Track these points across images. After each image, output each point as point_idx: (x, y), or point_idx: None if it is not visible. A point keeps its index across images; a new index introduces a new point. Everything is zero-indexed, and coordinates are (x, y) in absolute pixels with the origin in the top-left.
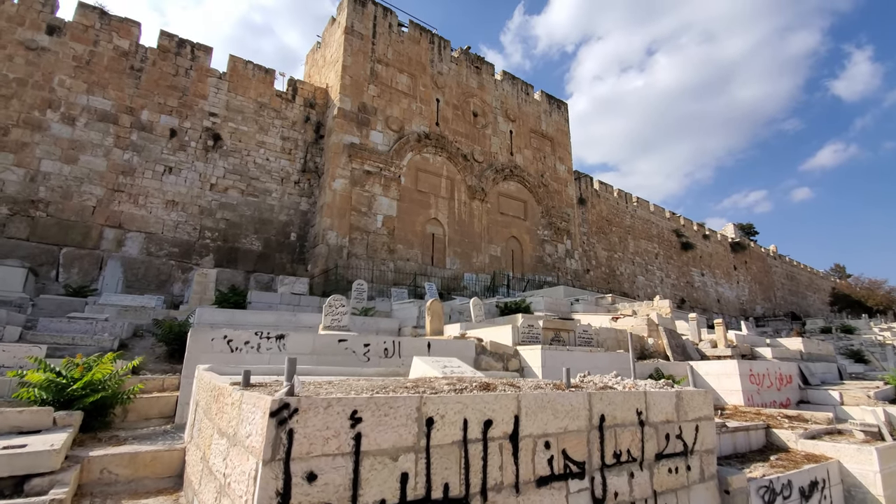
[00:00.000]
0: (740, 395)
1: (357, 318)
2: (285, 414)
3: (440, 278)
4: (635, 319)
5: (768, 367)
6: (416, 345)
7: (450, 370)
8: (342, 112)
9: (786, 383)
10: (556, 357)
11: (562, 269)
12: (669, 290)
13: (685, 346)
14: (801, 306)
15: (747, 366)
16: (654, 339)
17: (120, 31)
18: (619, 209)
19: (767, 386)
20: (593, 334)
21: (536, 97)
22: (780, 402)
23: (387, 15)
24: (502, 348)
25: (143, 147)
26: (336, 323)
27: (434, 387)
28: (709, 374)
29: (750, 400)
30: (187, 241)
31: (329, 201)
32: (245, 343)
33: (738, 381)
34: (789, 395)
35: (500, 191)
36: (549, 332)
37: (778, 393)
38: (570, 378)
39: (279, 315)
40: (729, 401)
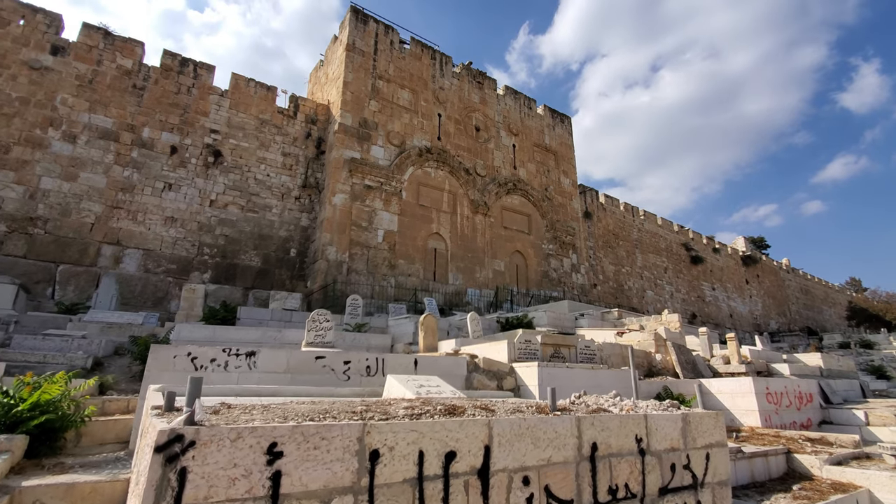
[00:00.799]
0: (757, 415)
1: (348, 334)
2: (177, 448)
3: (442, 294)
4: (642, 334)
5: (786, 384)
6: (401, 362)
7: (426, 390)
8: (343, 127)
9: (806, 402)
10: (554, 375)
11: (568, 284)
12: (680, 305)
13: (695, 362)
14: (818, 321)
15: (763, 383)
16: (663, 355)
17: (123, 51)
18: (625, 223)
19: (786, 405)
20: (596, 350)
21: (539, 111)
22: (800, 423)
23: (388, 32)
24: (496, 365)
25: (144, 164)
26: (320, 339)
27: (388, 411)
28: (721, 393)
29: (768, 421)
30: (186, 258)
31: (329, 216)
32: (211, 361)
33: (754, 401)
34: (810, 416)
35: (503, 205)
36: (549, 348)
37: (798, 413)
38: (557, 399)
39: (264, 332)
40: (745, 422)
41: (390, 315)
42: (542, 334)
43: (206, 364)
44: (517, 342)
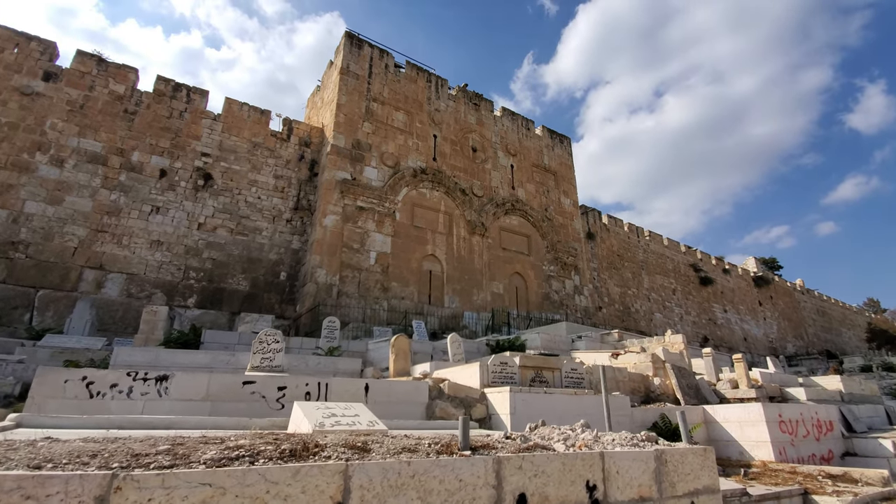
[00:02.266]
0: (769, 447)
1: (314, 357)
2: None
3: (438, 317)
4: (638, 356)
5: (802, 411)
6: (349, 388)
7: (334, 421)
8: (335, 149)
9: (826, 431)
10: (529, 401)
11: (570, 307)
12: (690, 328)
13: (699, 386)
14: (836, 343)
15: (776, 410)
16: (661, 378)
17: (116, 77)
18: (630, 243)
19: (803, 435)
20: (584, 374)
21: (538, 132)
22: (820, 456)
23: (383, 56)
24: (464, 391)
25: (132, 187)
26: (267, 363)
27: (190, 456)
28: (728, 422)
29: (782, 454)
30: (171, 282)
31: (319, 238)
32: (111, 386)
33: (766, 430)
34: (831, 446)
35: (501, 225)
36: (529, 372)
37: (817, 444)
38: (469, 432)
39: (215, 356)
40: (756, 455)
41: (374, 339)
42: (520, 356)
43: (105, 390)
44: (491, 365)
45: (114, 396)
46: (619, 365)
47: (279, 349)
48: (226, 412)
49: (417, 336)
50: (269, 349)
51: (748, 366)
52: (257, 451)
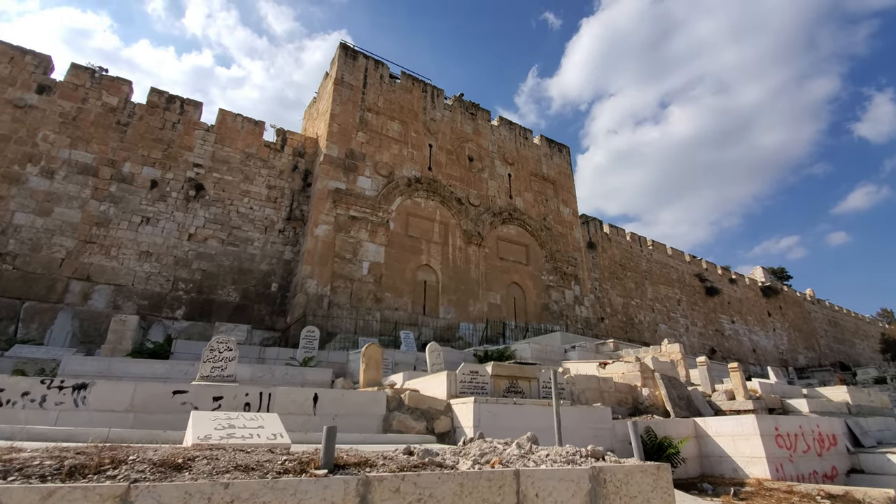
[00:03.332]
0: (764, 463)
1: (283, 368)
2: None
3: (433, 328)
4: (626, 366)
5: (802, 423)
6: (295, 398)
7: (228, 433)
8: (328, 158)
9: (829, 446)
10: (496, 413)
11: (570, 317)
12: (697, 339)
13: (690, 397)
14: (850, 355)
15: (771, 423)
16: (650, 389)
17: (110, 89)
18: (633, 253)
19: (803, 450)
20: (565, 384)
21: (536, 141)
22: (822, 473)
23: (378, 67)
24: (428, 402)
25: (122, 198)
26: (218, 372)
27: None
28: (720, 435)
29: (779, 471)
30: (159, 293)
31: (310, 248)
32: (23, 395)
33: (760, 445)
34: (835, 462)
35: (498, 235)
36: (502, 382)
37: (819, 460)
38: (334, 445)
39: (173, 366)
40: (750, 472)
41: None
42: (493, 364)
43: (15, 399)
44: (460, 374)
45: (24, 405)
46: (607, 375)
47: (232, 357)
48: (150, 424)
49: (405, 347)
50: (221, 358)
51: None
52: (22, 466)
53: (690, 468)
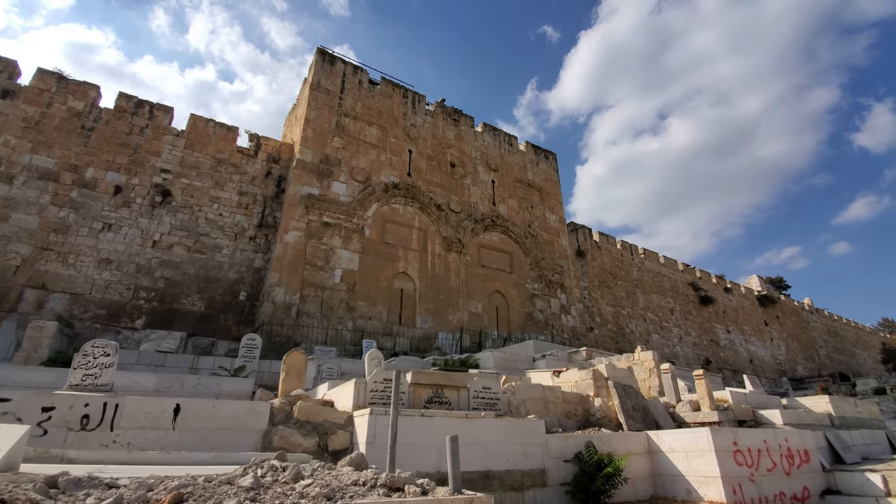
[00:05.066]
0: (719, 484)
1: (195, 378)
2: None
3: (409, 338)
4: (580, 373)
5: (768, 437)
6: (150, 410)
7: None
8: (301, 163)
9: (799, 463)
10: (401, 427)
11: (557, 327)
12: (691, 350)
13: (647, 408)
14: (850, 365)
15: (729, 437)
16: (604, 399)
17: (76, 94)
18: (623, 262)
19: (768, 468)
20: (500, 395)
21: (521, 148)
22: (791, 495)
23: (357, 72)
24: (323, 415)
25: (83, 204)
26: (91, 380)
27: None
28: (673, 451)
29: (737, 492)
30: (118, 302)
31: (279, 255)
32: None
33: (715, 462)
34: (807, 482)
35: (481, 242)
36: (424, 391)
37: (787, 479)
38: None
39: (62, 374)
40: (705, 494)
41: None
42: (413, 372)
43: None
44: (370, 382)
45: None
46: (560, 384)
47: (108, 363)
48: None
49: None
50: (96, 364)
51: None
52: None
53: (640, 489)
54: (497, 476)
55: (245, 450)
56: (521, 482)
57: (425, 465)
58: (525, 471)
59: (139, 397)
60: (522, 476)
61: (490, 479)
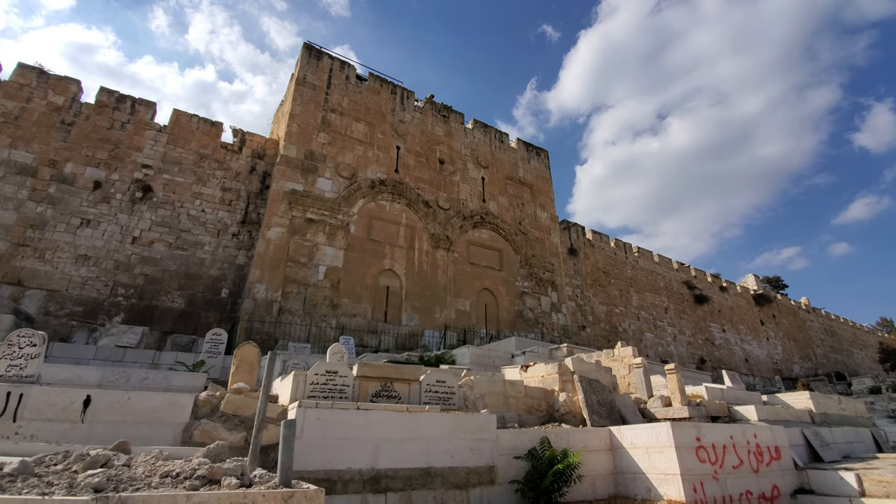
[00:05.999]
0: (678, 481)
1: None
2: None
3: (394, 336)
4: (546, 368)
5: (735, 433)
6: (57, 401)
7: None
8: (285, 159)
9: (769, 460)
10: (331, 422)
11: (547, 325)
12: (685, 349)
13: (614, 403)
14: (848, 365)
15: (692, 432)
16: (569, 394)
17: (57, 89)
18: (617, 260)
19: (733, 465)
20: (455, 388)
21: (513, 145)
22: (759, 494)
23: (344, 68)
24: (254, 408)
25: (61, 199)
26: (17, 371)
27: None
28: (635, 448)
29: (698, 490)
30: (95, 299)
31: (261, 251)
32: None
33: (675, 459)
34: (777, 481)
35: (469, 239)
36: (371, 384)
37: (755, 477)
38: None
39: None
40: (665, 492)
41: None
42: (359, 363)
43: None
44: (311, 374)
45: None
46: (527, 378)
47: (34, 355)
48: None
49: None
50: (21, 355)
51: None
52: None
53: (600, 487)
54: (439, 473)
55: (161, 444)
56: (466, 480)
57: (359, 460)
58: (472, 468)
59: (46, 387)
60: (468, 473)
61: (431, 477)
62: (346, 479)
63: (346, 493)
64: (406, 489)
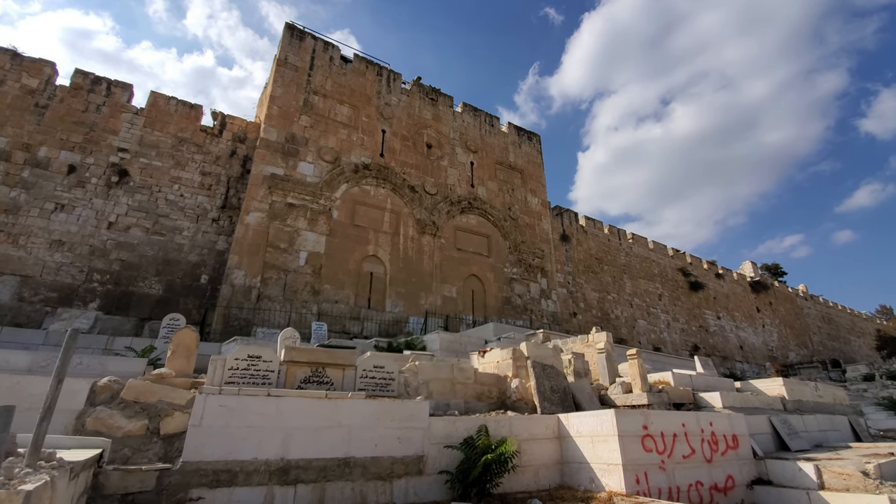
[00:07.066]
0: (620, 472)
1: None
2: None
3: (378, 323)
4: (502, 353)
5: (687, 421)
6: None
7: None
8: (265, 142)
9: (725, 449)
10: (237, 409)
11: (536, 312)
12: (679, 336)
13: (568, 389)
14: (845, 352)
15: (639, 420)
16: (522, 380)
17: (30, 71)
18: (610, 246)
19: (684, 455)
20: (395, 374)
21: (503, 129)
22: (711, 484)
23: (328, 49)
24: (159, 394)
25: (35, 184)
26: None
27: None
28: (581, 436)
29: (642, 482)
30: (70, 285)
31: (240, 236)
32: None
33: (618, 449)
34: (732, 471)
35: (457, 225)
36: (301, 369)
37: (708, 467)
38: None
39: None
40: (607, 483)
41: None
42: (287, 348)
43: None
44: (231, 360)
45: None
46: (484, 364)
47: None
48: None
49: (314, 339)
50: None
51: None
52: None
53: (544, 477)
54: (360, 464)
55: (51, 433)
56: (390, 470)
57: (267, 451)
58: (397, 458)
59: None
60: (393, 464)
61: (350, 468)
62: (249, 471)
63: (249, 485)
64: (320, 480)
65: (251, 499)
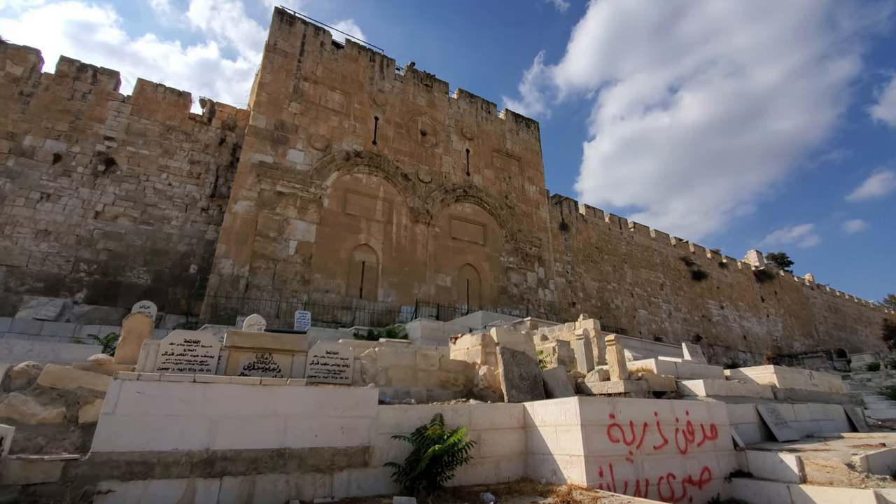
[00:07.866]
0: (582, 464)
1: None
2: None
3: (370, 312)
4: (472, 339)
5: (660, 409)
6: None
7: None
8: (253, 130)
9: (701, 440)
10: (158, 397)
11: (533, 302)
12: (680, 325)
13: (539, 377)
14: (852, 342)
15: (605, 408)
16: (490, 367)
17: (15, 59)
18: (611, 235)
19: (655, 446)
20: (349, 361)
21: (500, 116)
22: (684, 477)
23: (318, 34)
24: (79, 381)
25: (20, 173)
26: None
27: None
28: (545, 426)
29: (605, 474)
30: (56, 275)
31: (228, 225)
32: None
33: (580, 439)
34: (709, 463)
35: (451, 213)
36: (244, 355)
37: (681, 459)
38: None
39: None
40: (569, 476)
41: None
42: (229, 332)
43: None
44: (165, 344)
45: None
46: (455, 350)
47: None
48: None
49: (297, 327)
50: None
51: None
52: None
53: (506, 469)
54: (296, 455)
55: None
56: (331, 462)
57: (189, 441)
58: (340, 448)
59: None
60: (335, 455)
61: (285, 459)
62: (168, 463)
63: (168, 477)
64: (249, 473)
65: (169, 493)
